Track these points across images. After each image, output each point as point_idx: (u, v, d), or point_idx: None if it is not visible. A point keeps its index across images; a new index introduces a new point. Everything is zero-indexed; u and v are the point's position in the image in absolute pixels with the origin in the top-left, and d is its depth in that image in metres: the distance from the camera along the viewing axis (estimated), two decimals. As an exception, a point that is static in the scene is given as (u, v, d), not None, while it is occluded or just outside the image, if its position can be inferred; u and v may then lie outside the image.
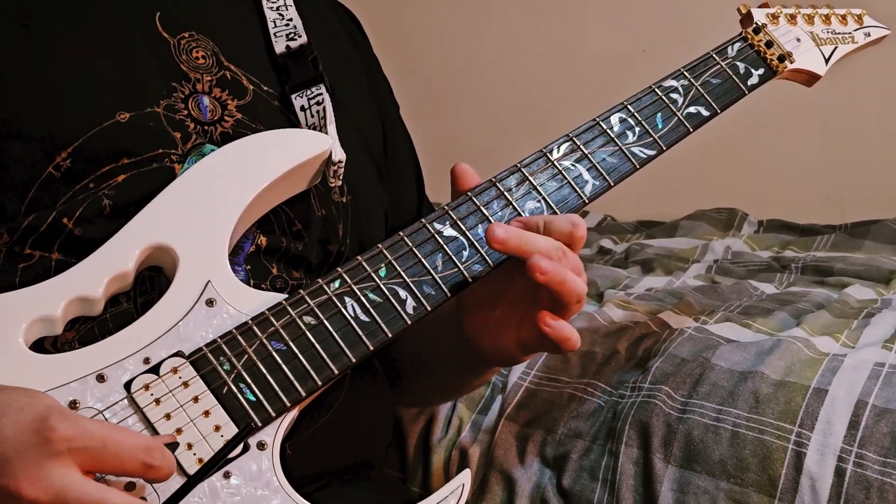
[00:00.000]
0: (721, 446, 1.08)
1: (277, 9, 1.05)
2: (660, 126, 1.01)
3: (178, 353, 0.82)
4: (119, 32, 0.94)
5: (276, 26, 1.04)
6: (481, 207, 0.93)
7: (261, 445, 0.82)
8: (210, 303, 0.85)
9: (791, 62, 1.11)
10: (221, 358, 0.82)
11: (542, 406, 1.22)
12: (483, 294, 0.95)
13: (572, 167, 0.97)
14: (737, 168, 2.47)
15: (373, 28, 1.22)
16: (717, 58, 1.07)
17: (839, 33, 1.18)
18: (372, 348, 0.86)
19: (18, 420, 0.69)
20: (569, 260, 0.89)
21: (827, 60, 1.16)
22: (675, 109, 1.02)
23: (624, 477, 1.11)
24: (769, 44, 1.10)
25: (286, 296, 0.86)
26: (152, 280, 0.88)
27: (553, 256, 0.88)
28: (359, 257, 0.88)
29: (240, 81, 0.99)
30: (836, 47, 1.16)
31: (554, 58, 2.61)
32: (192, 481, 0.76)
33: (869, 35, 1.21)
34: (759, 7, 1.14)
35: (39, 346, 0.83)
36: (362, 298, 0.87)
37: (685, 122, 1.02)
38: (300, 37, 1.04)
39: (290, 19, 1.05)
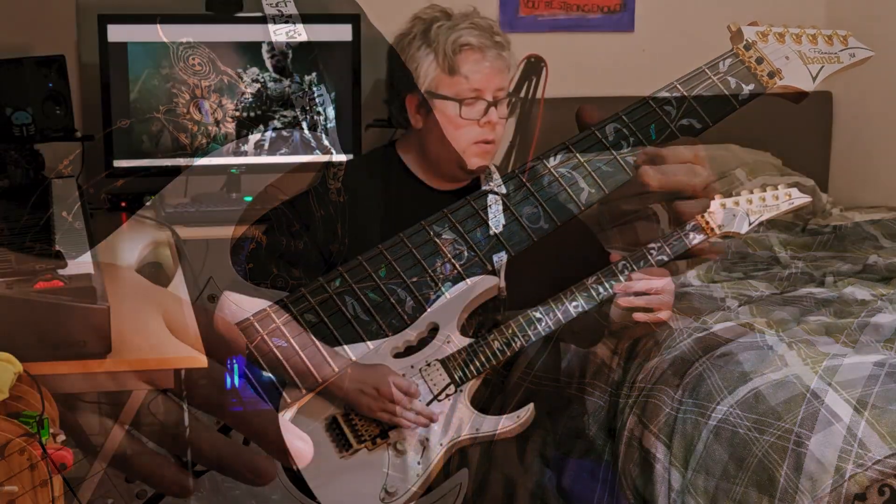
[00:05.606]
0: (721, 446, 1.08)
1: (276, 5, 1.06)
2: (653, 136, 1.03)
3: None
4: None
5: (275, 24, 1.05)
6: (479, 211, 0.94)
7: (261, 443, 0.82)
8: (212, 299, 0.85)
9: (780, 79, 1.14)
10: (223, 355, 0.83)
11: (542, 406, 1.22)
12: None
13: (568, 174, 0.98)
14: (737, 168, 2.46)
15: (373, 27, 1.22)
16: (709, 72, 1.09)
17: (826, 53, 1.21)
18: (371, 347, 0.86)
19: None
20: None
21: (814, 78, 1.19)
22: (668, 121, 1.04)
23: (624, 477, 1.11)
24: (759, 60, 1.13)
25: (287, 294, 0.87)
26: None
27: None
28: (359, 257, 0.89)
29: (237, 84, 0.99)
30: (822, 66, 1.20)
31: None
32: None
33: (854, 56, 1.24)
34: (749, 25, 1.17)
35: None
36: (362, 297, 0.87)
37: (678, 134, 1.04)
38: (300, 35, 1.04)
39: (290, 16, 1.05)
